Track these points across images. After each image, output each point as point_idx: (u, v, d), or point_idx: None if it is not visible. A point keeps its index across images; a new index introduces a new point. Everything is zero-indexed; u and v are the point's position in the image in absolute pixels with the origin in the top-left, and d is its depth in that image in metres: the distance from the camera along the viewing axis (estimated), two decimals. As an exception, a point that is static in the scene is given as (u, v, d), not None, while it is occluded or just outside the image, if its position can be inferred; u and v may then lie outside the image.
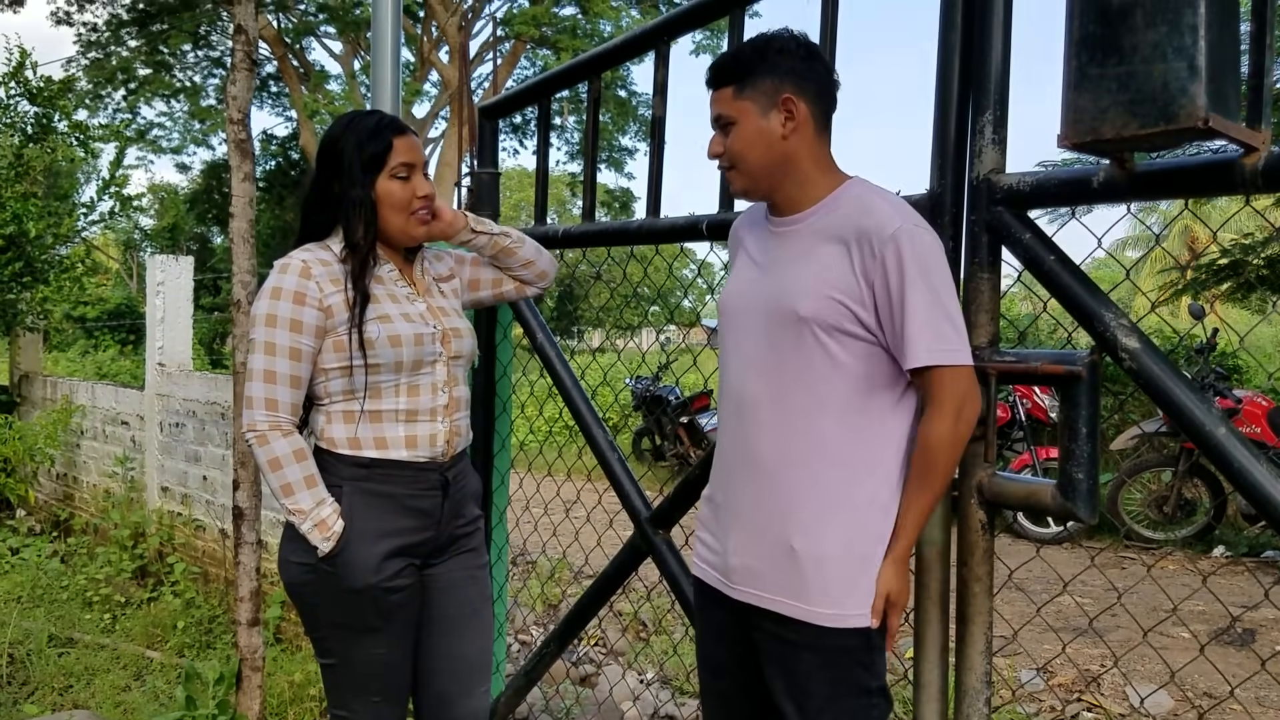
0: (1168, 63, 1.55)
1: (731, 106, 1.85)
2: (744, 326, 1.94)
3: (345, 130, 2.18)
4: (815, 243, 1.84)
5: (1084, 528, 7.06)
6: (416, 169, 2.21)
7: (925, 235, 1.77)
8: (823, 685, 1.83)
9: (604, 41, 20.28)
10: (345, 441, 2.16)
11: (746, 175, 1.89)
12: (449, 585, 2.32)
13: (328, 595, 2.15)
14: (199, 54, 24.58)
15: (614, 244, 3.01)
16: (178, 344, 6.60)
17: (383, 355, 2.13)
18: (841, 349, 1.79)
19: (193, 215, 30.52)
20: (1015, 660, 4.77)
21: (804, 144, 1.84)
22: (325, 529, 2.10)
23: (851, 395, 1.81)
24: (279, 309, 2.10)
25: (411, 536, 2.21)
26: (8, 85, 8.01)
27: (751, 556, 1.89)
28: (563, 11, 21.15)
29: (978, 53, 1.98)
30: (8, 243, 7.56)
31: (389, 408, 2.17)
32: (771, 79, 1.81)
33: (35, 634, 4.79)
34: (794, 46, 1.82)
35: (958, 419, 1.75)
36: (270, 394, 2.10)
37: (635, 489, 2.91)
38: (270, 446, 2.09)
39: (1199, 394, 1.76)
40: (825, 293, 1.78)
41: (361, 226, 2.15)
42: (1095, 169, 1.83)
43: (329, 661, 2.23)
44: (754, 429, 1.89)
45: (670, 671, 4.58)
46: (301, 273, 2.12)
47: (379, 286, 2.20)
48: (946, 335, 1.73)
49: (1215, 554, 7.13)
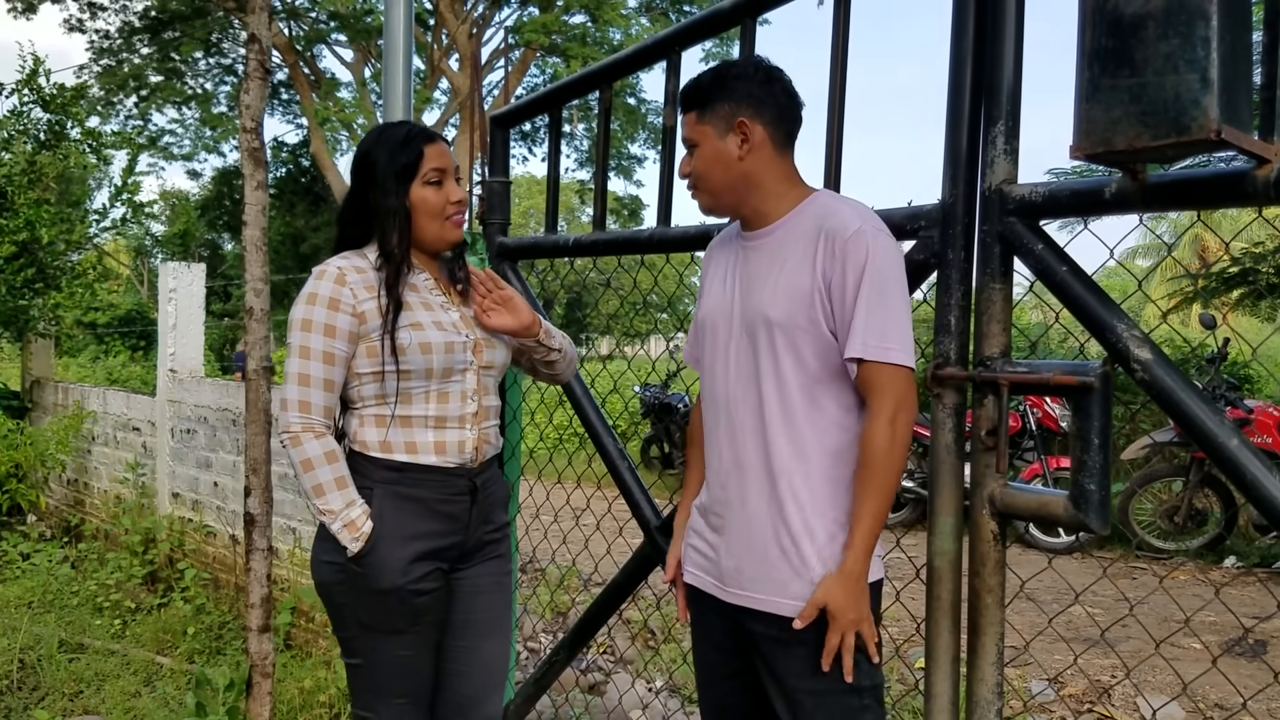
0: (1180, 74, 1.56)
1: (694, 130, 1.96)
2: (722, 337, 2.00)
3: (376, 142, 2.25)
4: (785, 253, 1.91)
5: (1094, 538, 7.04)
6: (448, 174, 2.27)
7: (884, 238, 1.84)
8: (816, 683, 1.87)
9: (613, 49, 20.34)
10: (377, 445, 2.22)
11: (708, 193, 1.98)
12: (475, 590, 2.36)
13: (356, 595, 2.19)
14: (210, 61, 24.70)
15: (625, 253, 3.02)
16: (189, 350, 6.62)
17: (413, 362, 2.18)
18: (812, 350, 1.86)
19: (204, 222, 30.63)
20: (1025, 671, 4.75)
21: (761, 163, 1.93)
22: (354, 529, 2.15)
23: (827, 394, 1.88)
24: (314, 314, 2.16)
25: (440, 540, 2.25)
26: (21, 93, 8.06)
27: (742, 558, 1.94)
28: (573, 19, 21.19)
29: (990, 63, 1.99)
30: (20, 249, 7.60)
31: (419, 413, 2.22)
32: (728, 104, 1.91)
33: (46, 639, 4.81)
34: (751, 72, 1.93)
35: (893, 422, 1.80)
36: (304, 396, 2.16)
37: (645, 497, 2.91)
38: (303, 448, 2.15)
39: (1211, 405, 1.76)
40: (792, 295, 1.86)
41: (396, 234, 2.22)
42: (1108, 180, 1.84)
43: (355, 662, 2.27)
44: (738, 434, 1.95)
45: (679, 680, 4.57)
46: (336, 279, 2.18)
47: (413, 294, 2.25)
48: (887, 334, 1.79)
49: (1226, 564, 7.10)
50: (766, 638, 1.92)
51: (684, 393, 11.14)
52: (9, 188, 7.61)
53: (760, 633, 1.93)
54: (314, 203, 27.90)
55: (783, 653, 1.90)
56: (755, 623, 1.93)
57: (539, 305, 3.25)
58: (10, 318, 7.97)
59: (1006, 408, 1.97)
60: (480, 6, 22.30)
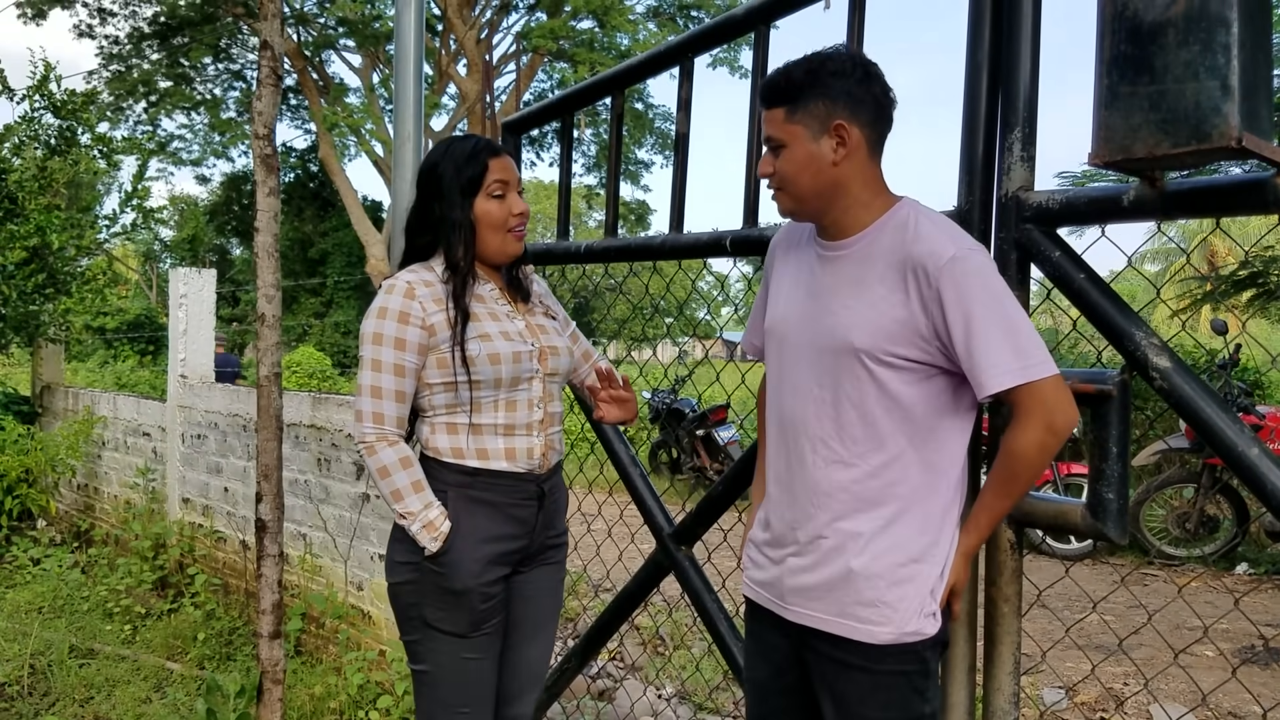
0: (1200, 82, 1.55)
1: (782, 129, 1.80)
2: (795, 354, 1.91)
3: (444, 156, 2.30)
4: (867, 270, 1.80)
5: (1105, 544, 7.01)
6: (511, 187, 2.31)
7: (979, 257, 1.73)
8: (874, 709, 1.81)
9: (621, 54, 20.35)
10: (449, 451, 2.28)
11: (794, 198, 1.85)
12: (533, 594, 2.43)
13: (430, 596, 2.25)
14: (219, 67, 24.81)
15: (637, 259, 3.01)
16: (200, 356, 6.63)
17: (482, 372, 2.23)
18: (897, 379, 1.76)
19: (212, 227, 30.73)
20: (1038, 678, 4.73)
21: (855, 169, 1.80)
22: (433, 529, 2.21)
23: (906, 424, 1.78)
24: (385, 328, 2.22)
25: (509, 544, 2.31)
26: (32, 98, 8.08)
27: (808, 578, 1.87)
28: (580, 25, 21.23)
29: (1006, 70, 1.98)
30: (31, 254, 7.62)
31: (488, 421, 2.27)
32: (824, 102, 1.76)
33: (56, 644, 4.81)
34: (849, 68, 1.76)
35: (1048, 430, 1.68)
36: (377, 408, 2.23)
37: (658, 505, 2.90)
38: (378, 456, 2.22)
39: (1231, 413, 1.75)
40: (880, 324, 1.75)
41: (461, 247, 2.27)
42: (1125, 187, 1.83)
43: (422, 668, 2.31)
44: (810, 457, 1.86)
45: (690, 687, 4.56)
46: (406, 293, 2.23)
47: (479, 305, 2.30)
48: (1026, 351, 1.67)
49: (1238, 571, 7.07)
50: (829, 659, 1.85)
51: (692, 398, 11.13)
52: (20, 193, 7.64)
53: (823, 654, 1.86)
54: (322, 208, 27.98)
55: (847, 677, 1.83)
56: (818, 643, 1.87)
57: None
58: (21, 323, 7.99)
59: (1023, 416, 1.96)
60: (488, 12, 22.35)
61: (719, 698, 4.40)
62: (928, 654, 1.82)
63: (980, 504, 1.81)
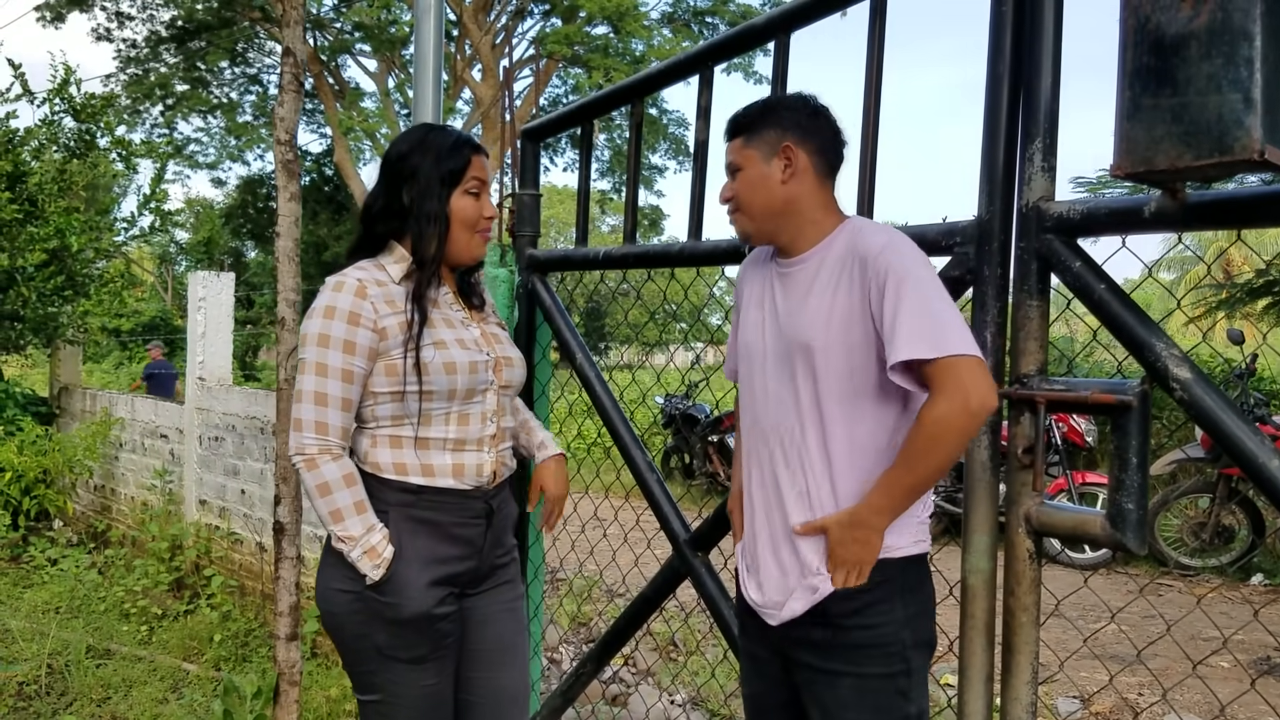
0: (1223, 94, 1.55)
1: (739, 155, 1.98)
2: (759, 364, 2.00)
3: (421, 144, 2.17)
4: (818, 277, 1.91)
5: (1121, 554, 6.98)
6: (486, 187, 2.22)
7: (909, 246, 1.83)
8: (861, 713, 1.87)
9: (635, 60, 20.37)
10: (391, 466, 2.12)
11: (749, 217, 1.98)
12: (486, 619, 2.27)
13: (376, 624, 2.08)
14: (236, 70, 24.91)
15: (655, 266, 3.03)
16: (218, 358, 6.67)
17: (437, 383, 2.09)
18: (858, 372, 1.84)
19: (227, 230, 30.83)
20: (1052, 688, 4.72)
21: (804, 189, 1.93)
22: (375, 555, 2.05)
23: (869, 419, 1.86)
24: (332, 329, 2.05)
25: (456, 566, 2.16)
26: (52, 102, 8.15)
27: (785, 581, 1.93)
28: (595, 31, 21.26)
29: (1028, 80, 1.99)
30: (50, 256, 7.68)
31: (438, 435, 2.13)
32: (775, 130, 1.94)
33: (74, 645, 4.85)
34: (799, 105, 1.96)
35: (963, 408, 1.69)
36: (321, 417, 2.05)
37: (674, 511, 2.91)
38: (319, 471, 2.04)
39: (1252, 425, 1.75)
40: (833, 322, 1.85)
41: (435, 241, 2.14)
42: (1147, 198, 1.83)
43: (373, 698, 2.14)
44: (779, 462, 1.94)
45: (704, 694, 4.56)
46: (357, 292, 2.07)
47: (434, 310, 2.17)
48: (945, 327, 1.72)
49: (1254, 582, 7.03)
50: (814, 669, 1.91)
51: (707, 404, 11.13)
52: (40, 196, 7.70)
53: (808, 663, 1.92)
54: (337, 211, 28.07)
55: (830, 684, 1.89)
56: (802, 653, 1.93)
57: (567, 318, 3.26)
58: (40, 324, 8.06)
59: (1043, 425, 1.97)
60: (504, 18, 22.41)
61: (733, 704, 4.40)
62: (911, 655, 1.88)
63: (886, 473, 1.81)
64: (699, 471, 10.74)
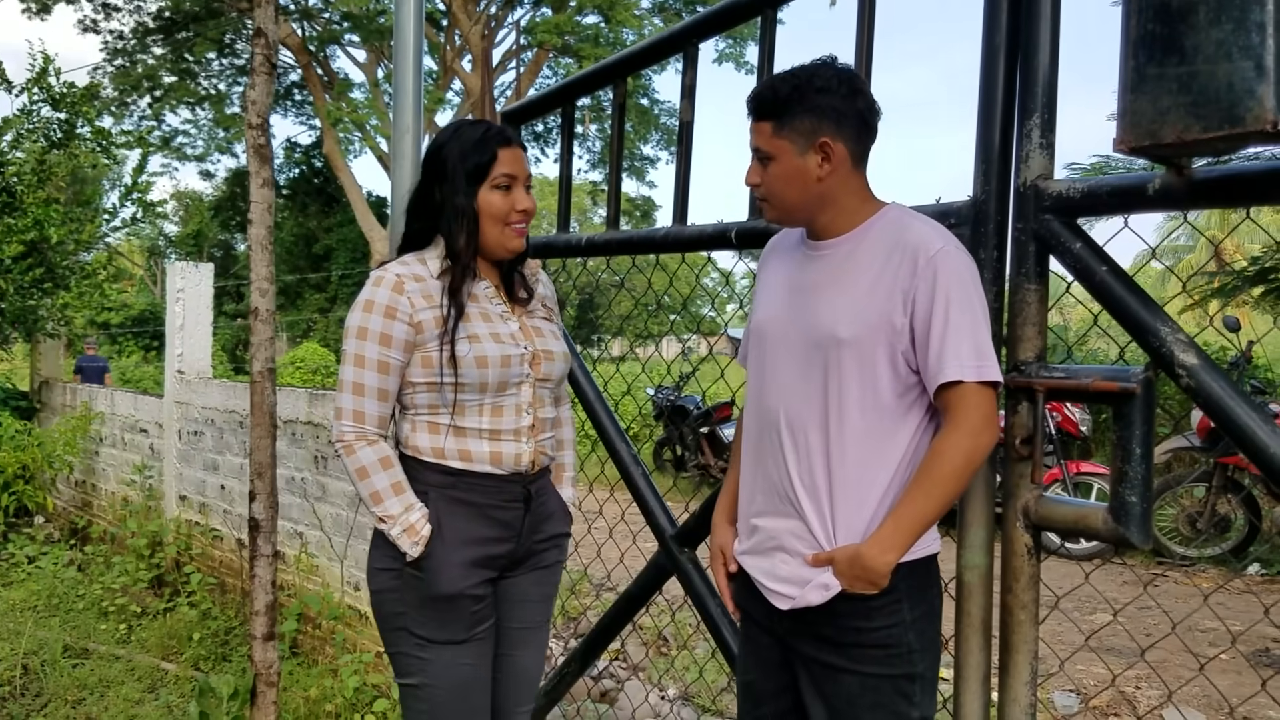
0: (1233, 62, 1.46)
1: (769, 143, 1.82)
2: (781, 350, 1.90)
3: (451, 139, 2.18)
4: (852, 265, 1.82)
5: (1114, 544, 6.92)
6: (518, 181, 2.19)
7: (966, 258, 1.77)
8: (863, 711, 1.81)
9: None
10: (430, 450, 2.18)
11: (780, 209, 1.88)
12: (520, 599, 2.32)
13: (414, 603, 2.15)
14: (224, 62, 24.76)
15: (639, 252, 2.93)
16: (197, 351, 6.56)
17: (468, 375, 2.13)
18: (882, 370, 1.77)
19: (216, 222, 30.71)
20: (1048, 682, 4.65)
21: (840, 181, 1.82)
22: (414, 533, 2.12)
23: (890, 415, 1.79)
24: (370, 322, 2.12)
25: (494, 547, 2.20)
26: (31, 91, 8.01)
27: (800, 570, 1.85)
28: (586, 20, 21.15)
29: (1025, 53, 1.90)
30: (29, 248, 7.55)
31: (472, 425, 2.17)
32: (810, 119, 1.78)
33: (50, 644, 4.74)
34: (835, 84, 1.78)
35: (977, 438, 1.70)
36: (358, 406, 2.14)
37: (660, 506, 2.82)
38: (357, 456, 2.13)
39: (1262, 413, 1.66)
40: (866, 314, 1.76)
41: (464, 236, 2.15)
42: (1150, 175, 1.75)
43: (412, 682, 2.19)
44: (796, 452, 1.85)
45: (693, 689, 4.48)
46: (394, 287, 2.13)
47: (473, 304, 2.19)
48: (984, 353, 1.72)
49: (1250, 572, 6.98)
50: (817, 662, 1.86)
51: (695, 395, 11.05)
52: (18, 186, 7.57)
53: (810, 656, 1.87)
54: (327, 203, 27.96)
55: (832, 679, 1.84)
56: (805, 645, 1.87)
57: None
58: (18, 317, 7.94)
59: (1042, 415, 1.88)
60: (493, 7, 22.28)
61: (723, 700, 4.32)
62: (916, 658, 1.82)
63: (900, 503, 1.76)
64: (690, 464, 10.66)
